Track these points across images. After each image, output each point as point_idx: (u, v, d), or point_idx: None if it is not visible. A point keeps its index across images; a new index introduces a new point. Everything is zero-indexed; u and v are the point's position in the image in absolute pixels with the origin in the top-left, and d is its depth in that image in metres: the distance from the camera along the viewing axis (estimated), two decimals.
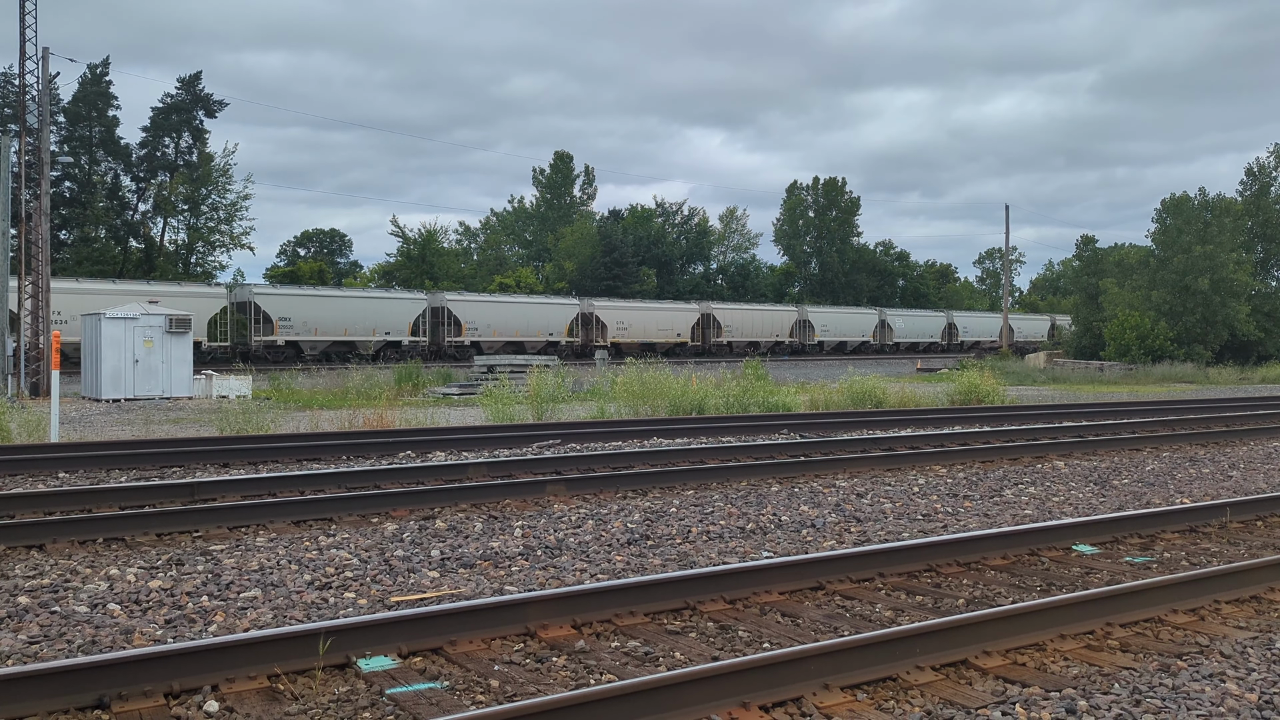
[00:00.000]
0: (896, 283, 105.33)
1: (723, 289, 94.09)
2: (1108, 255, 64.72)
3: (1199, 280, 54.49)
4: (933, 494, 12.00)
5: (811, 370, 48.10)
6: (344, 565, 8.04)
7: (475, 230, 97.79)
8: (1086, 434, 18.54)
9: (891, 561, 7.90)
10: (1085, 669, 5.71)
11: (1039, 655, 5.91)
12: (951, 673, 5.60)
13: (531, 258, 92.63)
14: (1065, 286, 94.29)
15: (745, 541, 9.23)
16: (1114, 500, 11.91)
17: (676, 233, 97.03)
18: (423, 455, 14.58)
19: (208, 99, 66.05)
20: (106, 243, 63.76)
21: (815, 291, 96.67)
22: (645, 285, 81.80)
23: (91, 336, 27.85)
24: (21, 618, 6.51)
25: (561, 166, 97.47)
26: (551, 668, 5.66)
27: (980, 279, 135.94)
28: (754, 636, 6.28)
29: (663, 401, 22.28)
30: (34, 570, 7.80)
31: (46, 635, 6.16)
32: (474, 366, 38.10)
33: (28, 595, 7.04)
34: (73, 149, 62.69)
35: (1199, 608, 6.91)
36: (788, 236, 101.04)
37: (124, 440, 15.53)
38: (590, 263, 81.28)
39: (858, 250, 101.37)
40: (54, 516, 9.50)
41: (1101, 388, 39.06)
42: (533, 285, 75.86)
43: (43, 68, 30.43)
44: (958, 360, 56.50)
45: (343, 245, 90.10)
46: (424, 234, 78.91)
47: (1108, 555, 8.83)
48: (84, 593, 7.13)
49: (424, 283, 69.16)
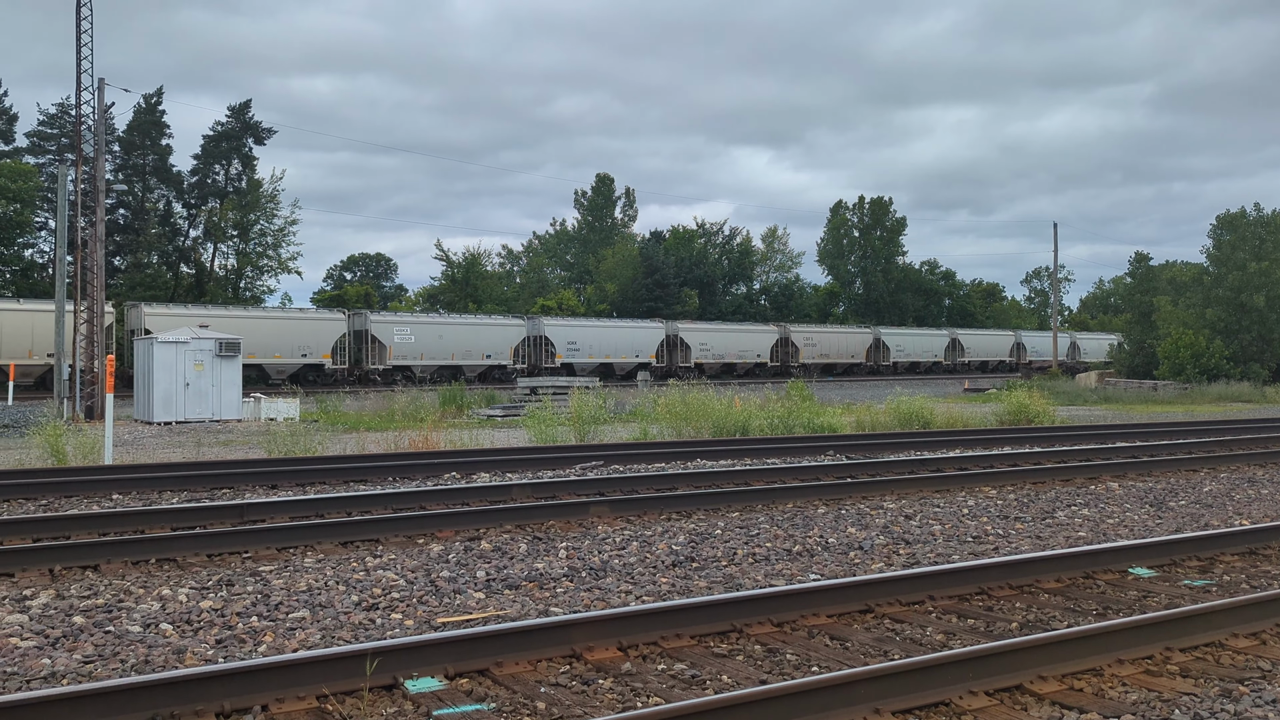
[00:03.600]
0: (943, 302, 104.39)
1: (765, 309, 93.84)
2: (1161, 273, 63.76)
3: (1255, 297, 53.55)
4: (983, 515, 11.84)
5: (857, 391, 47.80)
6: (390, 586, 8.07)
7: (518, 253, 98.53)
8: (1141, 454, 18.23)
9: (942, 584, 7.78)
10: (1144, 695, 5.58)
11: (1096, 680, 5.79)
12: (1006, 698, 5.50)
13: (573, 280, 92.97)
14: (1117, 304, 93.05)
15: (792, 564, 9.15)
16: (1171, 522, 11.68)
17: (718, 253, 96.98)
18: (468, 476, 14.63)
19: (256, 126, 67.30)
20: (159, 268, 64.92)
21: (860, 312, 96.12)
22: (687, 306, 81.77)
23: (144, 360, 28.29)
24: (77, 637, 6.59)
25: (603, 188, 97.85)
26: (598, 690, 5.63)
27: (1028, 298, 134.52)
28: (802, 660, 6.21)
29: (706, 423, 22.20)
30: (89, 590, 7.90)
31: (101, 655, 6.22)
32: (517, 389, 38.29)
33: (83, 615, 7.13)
34: (127, 177, 64.00)
35: (1261, 631, 6.75)
36: (832, 256, 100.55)
37: (175, 462, 15.74)
38: (632, 284, 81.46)
39: (903, 270, 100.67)
40: (108, 537, 9.62)
41: (1155, 407, 38.43)
42: (575, 307, 76.10)
43: (98, 98, 31.09)
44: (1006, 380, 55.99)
45: (388, 269, 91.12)
46: (468, 257, 79.61)
47: (1165, 578, 8.65)
48: (137, 613, 7.20)
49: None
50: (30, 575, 8.38)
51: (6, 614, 7.13)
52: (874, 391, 45.49)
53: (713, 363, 63.60)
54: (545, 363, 57.91)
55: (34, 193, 56.54)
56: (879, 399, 32.64)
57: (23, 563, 8.52)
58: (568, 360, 58.41)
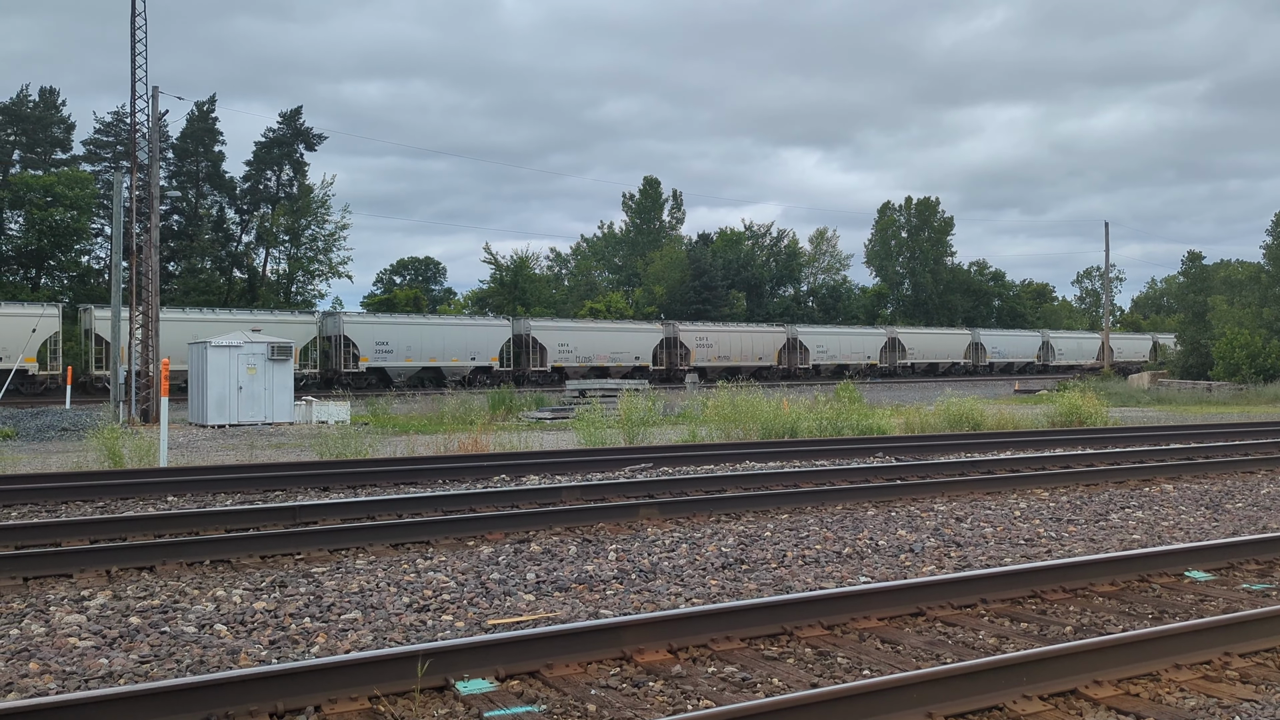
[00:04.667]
0: (992, 303, 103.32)
1: (813, 311, 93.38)
2: (1215, 272, 62.63)
3: None
4: (1035, 518, 11.69)
5: (905, 393, 47.42)
6: (441, 588, 8.12)
7: (566, 256, 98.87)
8: (1196, 456, 17.90)
9: (994, 587, 7.69)
10: (1203, 700, 5.48)
11: (1153, 686, 5.69)
12: (1060, 703, 5.42)
13: (621, 283, 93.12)
14: (1169, 304, 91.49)
15: (842, 566, 9.09)
16: (1227, 525, 11.46)
17: (766, 255, 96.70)
18: (517, 479, 14.70)
19: (308, 133, 68.22)
20: (212, 274, 65.97)
21: (909, 313, 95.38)
22: (735, 309, 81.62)
23: (198, 364, 28.74)
24: (133, 638, 6.70)
25: (650, 191, 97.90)
26: (648, 692, 5.63)
27: (1079, 298, 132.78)
28: (853, 663, 6.17)
29: (754, 425, 22.14)
30: (145, 591, 8.03)
31: (156, 655, 6.32)
32: (565, 391, 38.38)
33: (139, 616, 7.24)
34: (181, 184, 65.14)
35: None
36: (879, 257, 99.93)
37: (229, 465, 15.97)
38: (680, 287, 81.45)
39: (951, 270, 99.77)
40: (163, 539, 9.78)
41: (1210, 408, 37.73)
42: (623, 309, 76.20)
43: (152, 106, 31.64)
44: (1056, 381, 55.26)
45: (437, 273, 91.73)
46: (516, 261, 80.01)
47: (1223, 582, 8.48)
48: (192, 613, 7.31)
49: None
50: (88, 576, 8.54)
51: (65, 614, 7.27)
52: (923, 394, 45.12)
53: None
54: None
55: (90, 200, 57.71)
56: (929, 401, 32.36)
57: (81, 564, 8.68)
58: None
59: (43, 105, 62.70)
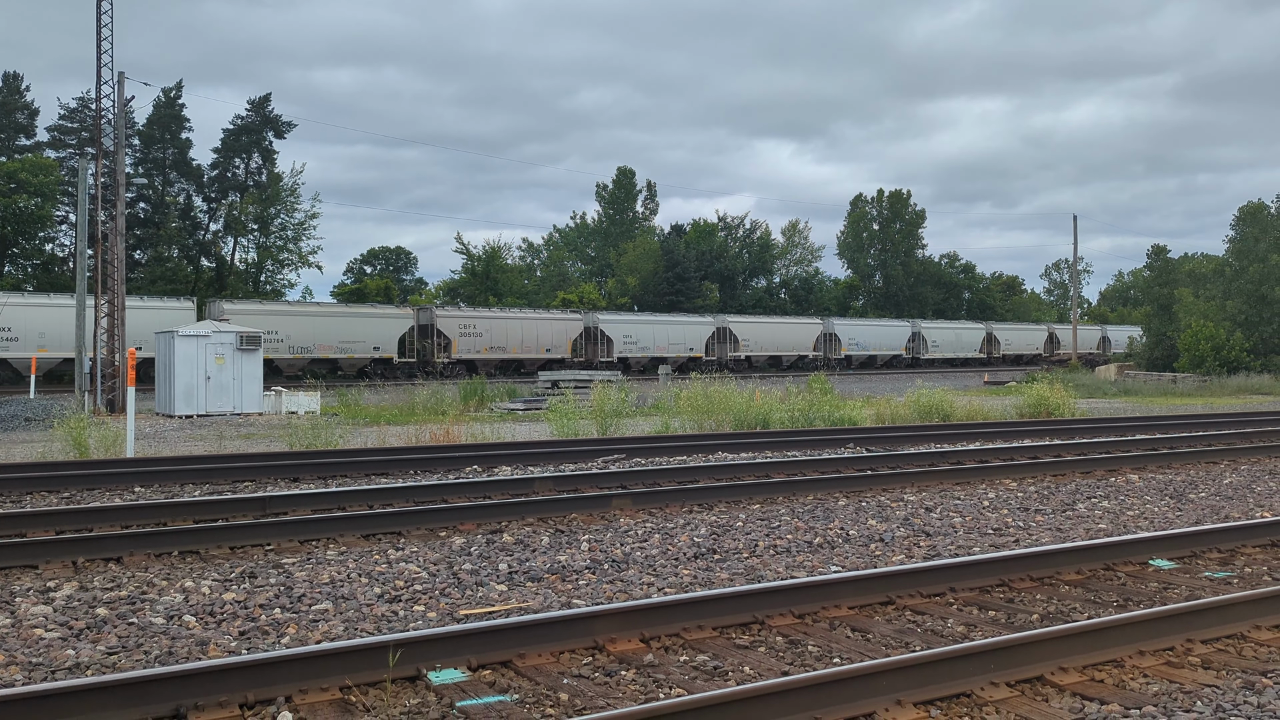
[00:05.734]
0: (962, 295, 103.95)
1: (785, 303, 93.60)
2: (1180, 265, 63.28)
3: (1276, 289, 53.11)
4: (1003, 508, 11.81)
5: (877, 384, 47.70)
6: (413, 578, 8.11)
7: (538, 247, 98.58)
8: (1161, 447, 18.13)
9: (963, 576, 7.77)
10: (1166, 686, 5.56)
11: (1117, 672, 5.77)
12: (1027, 689, 5.49)
13: (594, 273, 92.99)
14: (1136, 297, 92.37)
15: (813, 556, 9.15)
16: (1191, 514, 11.62)
17: (739, 247, 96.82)
18: (489, 470, 14.68)
19: (276, 120, 67.56)
20: (179, 262, 65.28)
21: (879, 305, 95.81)
22: (708, 300, 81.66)
23: (165, 354, 28.47)
24: (100, 629, 6.65)
25: (624, 182, 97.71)
26: (620, 681, 5.65)
27: (1048, 290, 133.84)
28: (824, 651, 6.22)
29: (727, 416, 22.20)
30: (112, 582, 7.97)
31: (124, 646, 6.28)
32: (538, 382, 38.30)
33: (106, 607, 7.19)
34: (147, 171, 64.37)
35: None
36: (851, 250, 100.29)
37: (197, 455, 15.84)
38: (653, 278, 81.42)
39: (922, 263, 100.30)
40: (131, 529, 9.69)
41: (1175, 400, 38.18)
42: (595, 300, 76.04)
43: (118, 92, 31.26)
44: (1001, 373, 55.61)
45: (408, 262, 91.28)
46: (488, 251, 79.70)
47: (1186, 570, 8.61)
48: (160, 604, 7.26)
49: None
50: (54, 567, 8.47)
51: (31, 605, 7.20)
52: (894, 385, 45.41)
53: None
54: None
55: (55, 187, 56.93)
56: (899, 392, 32.58)
57: (46, 555, 8.60)
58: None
59: (6, 90, 61.73)
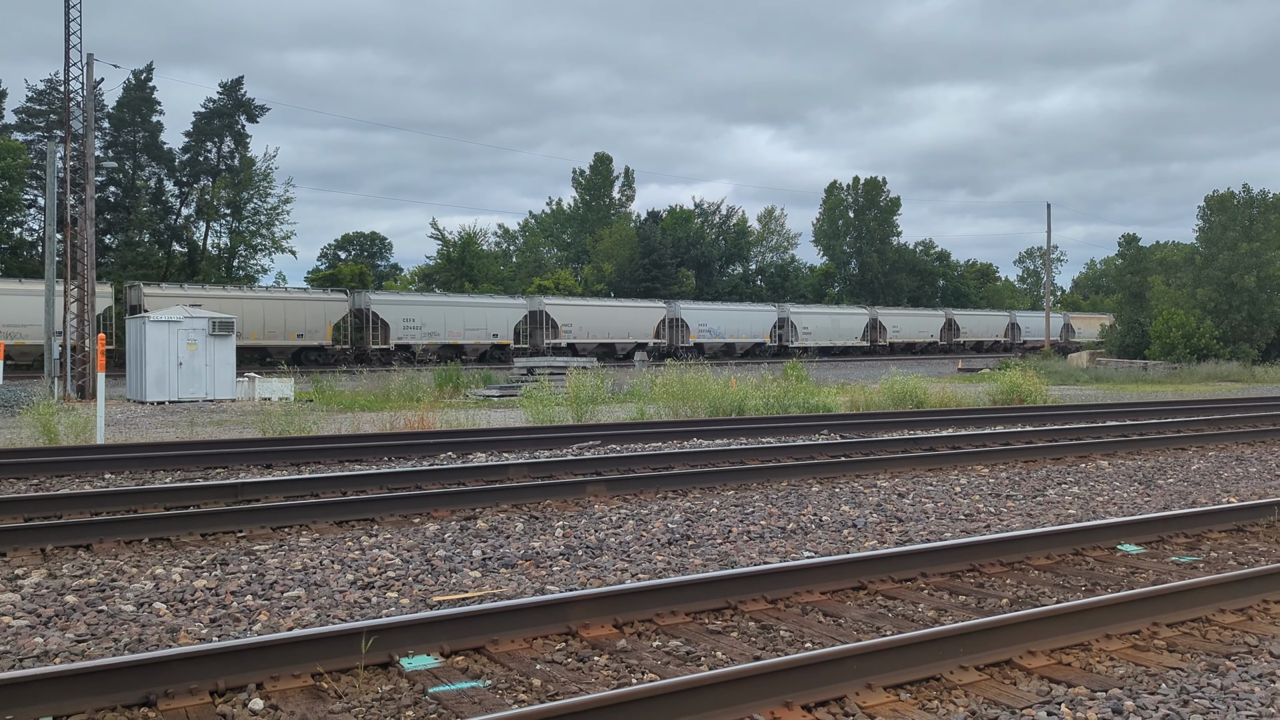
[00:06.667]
0: (937, 283, 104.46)
1: (762, 290, 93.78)
2: (1151, 253, 63.80)
3: (1245, 278, 53.66)
4: (975, 494, 11.90)
5: (852, 371, 47.89)
6: (386, 565, 8.09)
7: (514, 232, 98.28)
8: (1131, 433, 18.31)
9: (934, 561, 7.83)
10: (1132, 669, 5.63)
11: (1084, 655, 5.84)
12: (996, 673, 5.54)
13: (570, 260, 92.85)
14: (1108, 285, 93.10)
15: (786, 541, 9.19)
16: (1159, 500, 11.74)
17: (715, 233, 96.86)
18: (464, 456, 14.65)
19: (249, 104, 66.93)
20: (150, 247, 64.64)
21: (854, 292, 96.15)
22: (684, 287, 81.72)
23: (136, 339, 28.23)
24: (69, 616, 6.61)
25: (601, 168, 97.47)
26: (593, 667, 5.66)
27: (1021, 278, 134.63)
28: (796, 636, 6.25)
29: (702, 403, 22.25)
30: (81, 570, 7.91)
31: (94, 634, 6.24)
32: (514, 369, 38.20)
33: (75, 594, 7.14)
34: (117, 154, 63.63)
35: (1247, 607, 6.80)
36: (827, 237, 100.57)
37: (169, 442, 15.73)
38: (629, 264, 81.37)
39: (897, 250, 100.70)
40: (100, 517, 9.63)
41: (1146, 387, 38.55)
42: (571, 287, 75.96)
43: (87, 74, 30.91)
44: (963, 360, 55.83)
45: (383, 248, 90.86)
46: (464, 237, 79.38)
47: (1153, 555, 8.70)
48: (130, 592, 7.22)
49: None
50: (22, 554, 8.40)
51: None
52: (868, 371, 45.62)
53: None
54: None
55: (22, 170, 56.25)
56: (873, 379, 32.72)
57: (14, 542, 8.52)
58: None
59: None
